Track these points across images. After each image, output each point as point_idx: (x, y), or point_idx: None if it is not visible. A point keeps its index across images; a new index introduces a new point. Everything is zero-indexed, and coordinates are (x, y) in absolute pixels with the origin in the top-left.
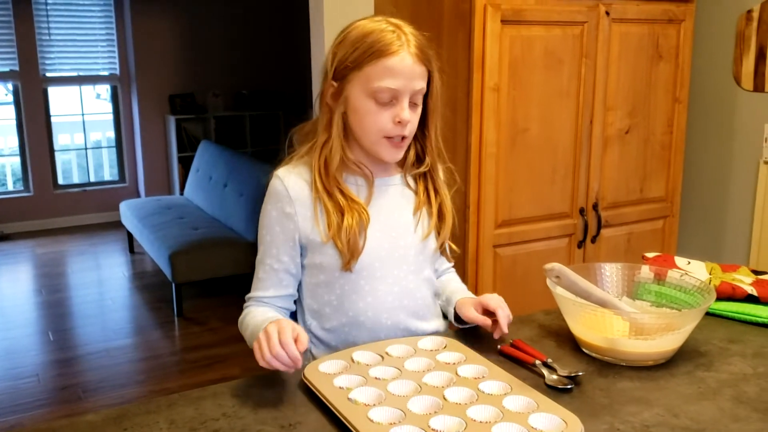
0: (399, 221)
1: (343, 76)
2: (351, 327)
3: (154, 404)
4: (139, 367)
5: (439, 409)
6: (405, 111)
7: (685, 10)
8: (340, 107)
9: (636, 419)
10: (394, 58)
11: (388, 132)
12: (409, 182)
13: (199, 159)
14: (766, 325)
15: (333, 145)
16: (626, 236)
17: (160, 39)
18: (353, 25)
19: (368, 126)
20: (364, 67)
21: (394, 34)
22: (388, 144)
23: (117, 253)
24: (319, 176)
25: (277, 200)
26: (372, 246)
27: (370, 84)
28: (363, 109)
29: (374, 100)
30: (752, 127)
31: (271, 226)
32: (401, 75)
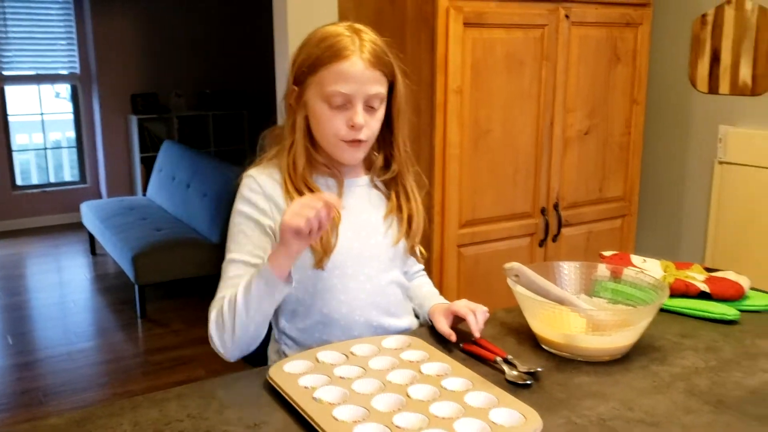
0: (369, 221)
1: (302, 81)
2: (324, 325)
3: (118, 406)
4: (101, 369)
5: (403, 407)
6: (358, 115)
7: (643, 14)
8: (301, 111)
9: (592, 413)
10: (344, 62)
11: (342, 135)
12: (378, 185)
13: (162, 159)
14: (718, 320)
15: (297, 149)
16: (586, 235)
17: (122, 37)
18: (315, 30)
19: (324, 129)
20: (318, 71)
21: (349, 39)
22: (346, 146)
23: (78, 254)
24: (288, 177)
25: (251, 198)
26: (343, 244)
27: (324, 88)
28: (319, 113)
29: (328, 104)
30: (707, 128)
31: (244, 224)
32: (353, 80)
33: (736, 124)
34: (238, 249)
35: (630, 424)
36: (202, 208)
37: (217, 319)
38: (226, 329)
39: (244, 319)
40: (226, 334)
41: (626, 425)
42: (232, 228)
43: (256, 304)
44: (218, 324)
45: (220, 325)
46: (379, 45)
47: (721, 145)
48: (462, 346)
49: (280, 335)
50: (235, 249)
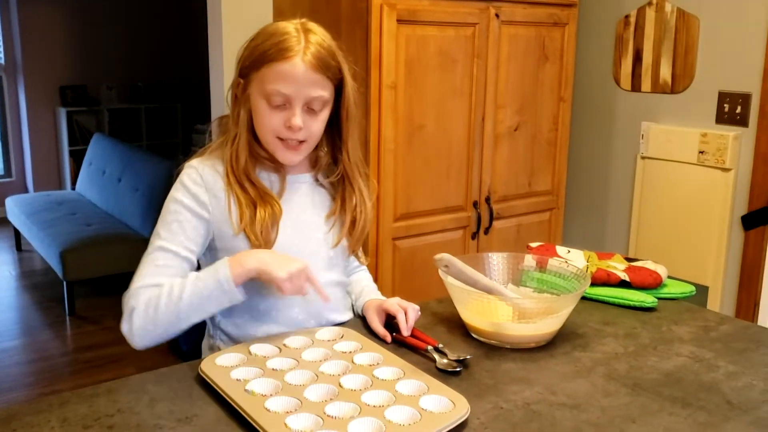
0: (311, 220)
1: (246, 75)
2: (261, 322)
3: (46, 403)
4: (28, 369)
5: (335, 396)
6: (296, 117)
7: (569, 14)
8: (245, 104)
9: (518, 397)
10: (286, 63)
11: (279, 134)
12: (324, 184)
13: (91, 152)
14: (637, 308)
15: (240, 141)
16: (516, 228)
17: (50, 27)
18: (268, 24)
19: (262, 126)
20: (261, 68)
21: (295, 39)
22: (282, 146)
23: (3, 251)
24: (231, 169)
25: (191, 189)
26: (283, 240)
27: (264, 86)
28: (258, 110)
29: (267, 102)
30: (630, 124)
31: (181, 213)
32: (293, 81)
33: (657, 121)
34: (170, 238)
35: (553, 408)
36: (133, 203)
37: (147, 307)
38: (157, 319)
39: (182, 315)
40: (153, 323)
41: (549, 408)
42: (165, 215)
43: (200, 304)
44: (146, 311)
45: (149, 313)
46: (326, 48)
47: (643, 140)
48: (394, 335)
49: (215, 330)
50: (167, 237)
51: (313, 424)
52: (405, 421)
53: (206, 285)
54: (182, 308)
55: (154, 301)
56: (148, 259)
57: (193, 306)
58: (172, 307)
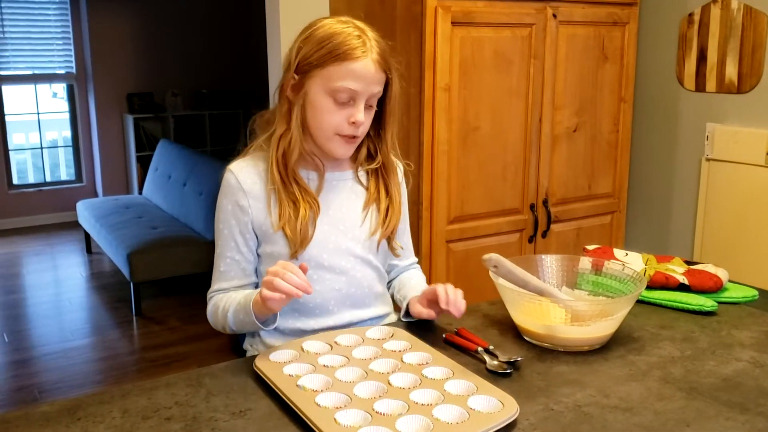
0: (348, 216)
1: (306, 71)
2: (300, 313)
3: (108, 394)
4: (96, 367)
5: (384, 394)
6: (360, 113)
7: (630, 13)
8: (299, 100)
9: (569, 400)
10: (357, 62)
11: (341, 130)
12: (361, 179)
13: (157, 158)
14: (696, 312)
15: (293, 137)
16: (575, 231)
17: (118, 37)
18: (320, 23)
19: (323, 123)
20: (327, 66)
21: (359, 40)
22: (341, 141)
23: (74, 253)
24: (276, 167)
25: (232, 194)
26: (320, 237)
27: (331, 83)
28: (320, 106)
29: (333, 98)
30: (694, 125)
31: (228, 220)
32: (362, 79)
33: (722, 122)
34: (224, 245)
35: (604, 410)
36: (197, 207)
37: (211, 315)
38: (217, 325)
39: (233, 329)
40: (216, 326)
41: (601, 411)
42: (217, 223)
43: (241, 325)
44: (210, 317)
45: (211, 319)
46: (384, 46)
47: (708, 142)
48: (444, 336)
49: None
50: (221, 244)
51: (362, 420)
52: (453, 420)
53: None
54: (231, 324)
55: (215, 312)
56: (215, 264)
57: (236, 326)
58: (225, 321)
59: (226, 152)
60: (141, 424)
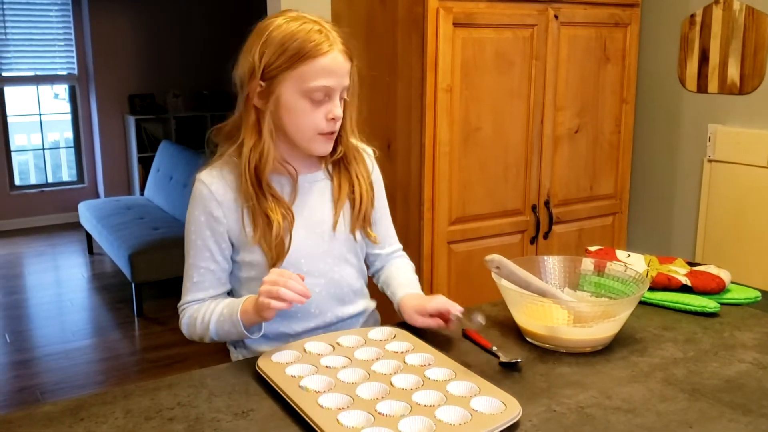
0: (323, 218)
1: (273, 76)
2: (282, 317)
3: (111, 395)
4: (98, 367)
5: (386, 395)
6: (337, 107)
7: (631, 14)
8: (269, 107)
9: (572, 401)
10: (326, 57)
11: (322, 129)
12: (331, 174)
13: (159, 159)
14: (699, 313)
15: (265, 147)
16: (577, 232)
17: (120, 38)
18: (273, 24)
19: (303, 124)
20: (297, 67)
21: (321, 34)
22: (321, 139)
23: (75, 254)
24: (248, 180)
25: (204, 204)
26: (297, 245)
27: (305, 84)
28: (297, 109)
29: (308, 99)
30: (696, 126)
31: (201, 231)
32: (334, 73)
33: (724, 123)
34: (197, 255)
35: (607, 412)
36: None
37: (188, 326)
38: (195, 335)
39: (213, 338)
40: (194, 337)
41: (603, 412)
42: (188, 234)
43: (225, 335)
44: (188, 329)
45: (189, 331)
46: (344, 34)
47: (710, 143)
48: (464, 331)
49: None
50: (194, 255)
51: (365, 421)
52: (455, 421)
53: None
54: (212, 335)
55: (192, 324)
56: (185, 275)
57: (220, 336)
58: (206, 331)
59: None
60: (144, 425)
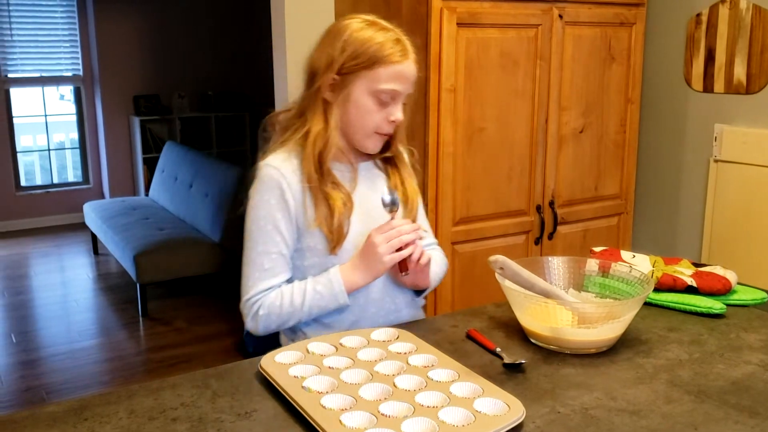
0: (375, 202)
1: (348, 73)
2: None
3: (115, 395)
4: (103, 367)
5: (389, 396)
6: (400, 112)
7: (636, 14)
8: (339, 100)
9: (576, 402)
10: (402, 65)
11: (381, 129)
12: (379, 165)
13: (164, 160)
14: (705, 314)
15: (330, 137)
16: (582, 233)
17: (125, 40)
18: (353, 25)
19: (365, 122)
20: (374, 68)
21: (399, 44)
22: (377, 138)
23: (81, 254)
24: (312, 166)
25: (275, 187)
26: (355, 230)
27: (377, 85)
28: (364, 106)
29: (376, 99)
30: (702, 126)
31: (271, 215)
32: (406, 80)
33: (731, 123)
34: (269, 241)
35: (611, 413)
36: (203, 208)
37: (271, 313)
38: (280, 321)
39: (301, 318)
40: (276, 324)
41: (608, 414)
42: (257, 220)
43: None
44: (270, 316)
45: (272, 318)
46: (417, 46)
47: (716, 143)
48: (468, 331)
49: None
50: (266, 241)
51: (368, 422)
52: (458, 423)
53: (324, 298)
54: (302, 315)
55: (277, 309)
56: (253, 265)
57: (311, 314)
58: (295, 314)
59: (232, 154)
60: (147, 425)
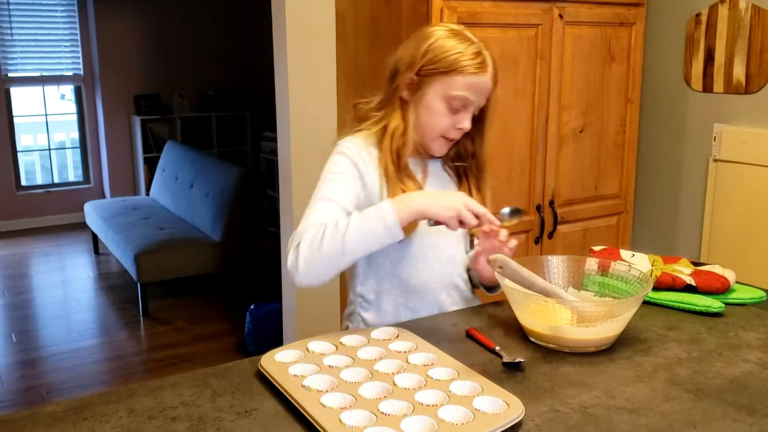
0: None
1: (427, 75)
2: (401, 290)
3: (114, 394)
4: (104, 367)
5: (389, 394)
6: (468, 120)
7: (636, 14)
8: (414, 100)
9: (575, 401)
10: (478, 77)
11: (447, 134)
12: (449, 170)
13: (164, 159)
14: (703, 313)
15: (408, 135)
16: (582, 232)
17: (125, 39)
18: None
19: (433, 125)
20: (451, 75)
21: (480, 56)
22: (443, 142)
23: (81, 254)
24: (389, 159)
25: (353, 155)
26: (422, 223)
27: (451, 91)
28: (435, 109)
29: (447, 104)
30: (702, 126)
31: (344, 174)
32: (479, 92)
33: (730, 123)
34: (334, 192)
35: (610, 411)
36: (204, 208)
37: (314, 240)
38: (322, 250)
39: (346, 247)
40: (319, 253)
41: (606, 412)
42: (327, 175)
43: (364, 239)
44: (312, 243)
45: (314, 246)
46: (495, 61)
47: (715, 143)
48: (467, 330)
49: (356, 297)
50: (331, 192)
51: (367, 420)
52: (458, 421)
53: (371, 220)
54: (347, 240)
55: (320, 234)
56: (312, 208)
57: (357, 240)
58: (337, 238)
59: (233, 154)
60: (147, 424)
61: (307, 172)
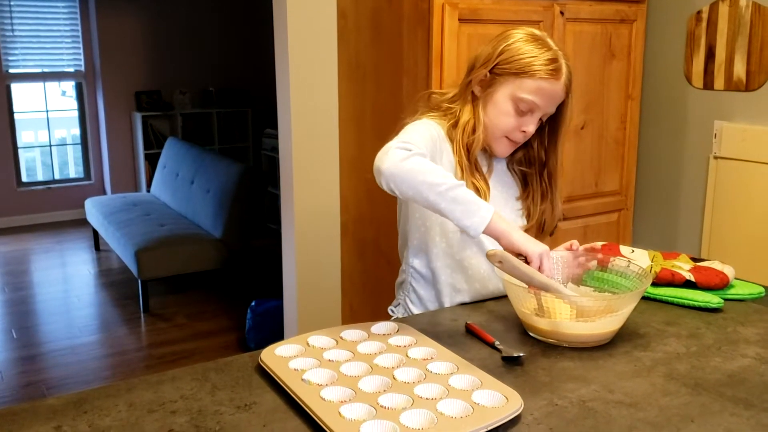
0: (500, 196)
1: (499, 74)
2: (453, 270)
3: (114, 388)
4: (104, 363)
5: (389, 388)
6: (533, 125)
7: (637, 11)
8: (485, 95)
9: (574, 395)
10: (551, 83)
11: (511, 135)
12: (515, 171)
13: (165, 156)
14: (702, 308)
15: (478, 133)
16: (582, 229)
17: (126, 35)
18: (519, 34)
19: (499, 123)
20: (523, 77)
21: (555, 63)
22: (506, 143)
23: (82, 250)
24: (461, 151)
25: (437, 131)
26: None
27: (520, 93)
28: (502, 108)
29: (515, 105)
30: (702, 123)
31: (427, 133)
32: (548, 98)
33: (730, 120)
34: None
35: (609, 405)
36: (205, 204)
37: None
38: (414, 171)
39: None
40: (410, 174)
41: (605, 406)
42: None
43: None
44: (410, 160)
45: (413, 164)
46: (571, 71)
47: (716, 140)
48: (467, 324)
49: (409, 269)
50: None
51: (367, 413)
52: (457, 414)
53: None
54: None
55: (423, 165)
56: (407, 137)
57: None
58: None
59: (234, 150)
60: (146, 418)
61: (308, 168)
